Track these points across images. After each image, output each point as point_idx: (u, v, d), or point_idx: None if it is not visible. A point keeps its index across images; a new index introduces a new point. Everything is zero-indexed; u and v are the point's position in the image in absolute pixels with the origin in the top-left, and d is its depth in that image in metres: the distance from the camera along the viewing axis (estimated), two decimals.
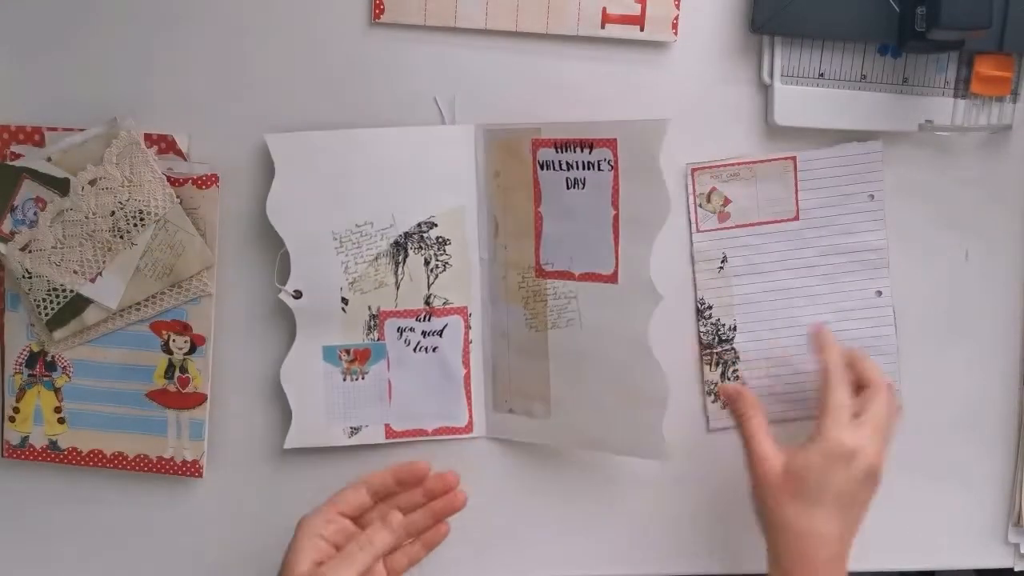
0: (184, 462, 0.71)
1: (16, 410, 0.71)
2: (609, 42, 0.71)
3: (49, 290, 0.69)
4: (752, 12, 0.70)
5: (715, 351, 0.74)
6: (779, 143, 0.73)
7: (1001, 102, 0.73)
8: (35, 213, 0.68)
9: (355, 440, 0.72)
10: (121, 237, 0.68)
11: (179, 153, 0.69)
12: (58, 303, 0.69)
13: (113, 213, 0.68)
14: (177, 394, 0.71)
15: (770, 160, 0.72)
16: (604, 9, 0.70)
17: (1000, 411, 0.78)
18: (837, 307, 0.74)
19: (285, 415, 0.72)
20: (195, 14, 0.69)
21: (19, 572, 0.73)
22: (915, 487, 0.78)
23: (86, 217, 0.68)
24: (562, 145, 0.69)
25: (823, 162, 0.72)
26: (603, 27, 0.70)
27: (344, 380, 0.72)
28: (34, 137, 0.68)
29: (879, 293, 0.74)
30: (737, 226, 0.72)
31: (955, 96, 0.73)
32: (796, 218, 0.73)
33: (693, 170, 0.72)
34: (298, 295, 0.70)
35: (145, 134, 0.68)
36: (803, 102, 0.72)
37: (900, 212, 0.75)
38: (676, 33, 0.71)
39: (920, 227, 0.76)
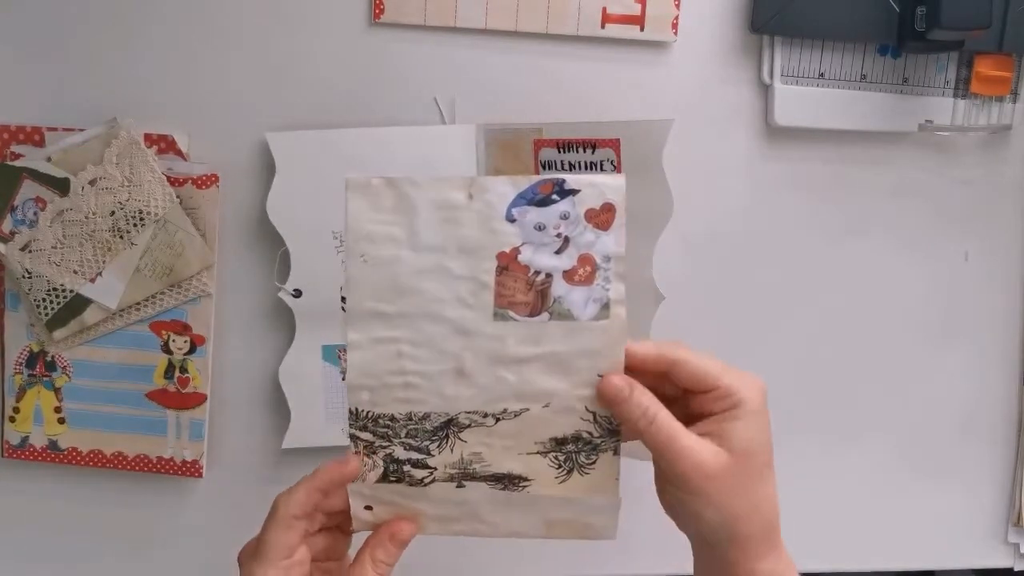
0: (184, 462, 0.71)
1: (16, 410, 0.71)
2: (609, 42, 0.71)
3: (49, 290, 0.68)
4: (752, 12, 0.70)
5: None
6: (779, 143, 0.73)
7: (1001, 102, 0.73)
8: (35, 213, 0.68)
9: None
10: (121, 237, 0.68)
11: (179, 153, 0.69)
12: (58, 303, 0.69)
13: (113, 213, 0.68)
14: (177, 394, 0.71)
15: None
16: (604, 9, 0.69)
17: (1000, 411, 0.78)
18: None
19: (285, 415, 0.71)
20: (195, 14, 0.69)
21: (19, 572, 0.73)
22: (915, 487, 0.78)
23: (86, 217, 0.68)
24: (565, 145, 0.69)
25: None
26: (603, 27, 0.70)
27: (343, 380, 0.72)
28: (34, 137, 0.68)
29: None
30: None
31: (955, 96, 0.73)
32: None
33: None
34: (298, 294, 0.70)
35: (145, 134, 0.68)
36: (803, 102, 0.72)
37: (900, 212, 0.75)
38: (676, 33, 0.71)
39: (920, 227, 0.76)
